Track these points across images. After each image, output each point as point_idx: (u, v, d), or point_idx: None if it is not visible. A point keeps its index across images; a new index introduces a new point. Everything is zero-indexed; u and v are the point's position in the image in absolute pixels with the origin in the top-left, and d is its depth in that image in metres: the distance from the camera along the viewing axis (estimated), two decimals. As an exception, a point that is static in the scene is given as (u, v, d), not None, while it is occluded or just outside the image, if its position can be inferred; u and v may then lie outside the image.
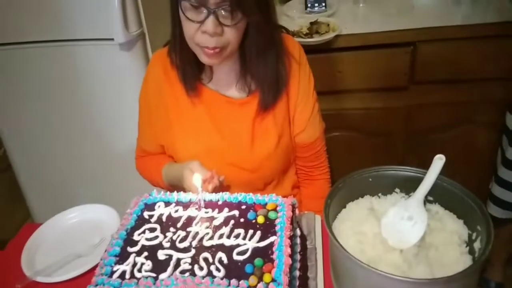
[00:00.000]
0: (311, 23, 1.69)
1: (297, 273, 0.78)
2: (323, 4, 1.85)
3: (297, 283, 0.76)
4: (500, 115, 1.61)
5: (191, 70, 1.04)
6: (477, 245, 0.70)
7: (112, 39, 1.41)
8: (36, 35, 1.49)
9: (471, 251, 0.72)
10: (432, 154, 0.77)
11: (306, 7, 1.87)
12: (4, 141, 1.74)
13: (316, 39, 1.61)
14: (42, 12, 1.44)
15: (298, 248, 0.83)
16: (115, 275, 0.70)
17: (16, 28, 1.48)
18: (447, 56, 1.63)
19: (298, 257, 0.82)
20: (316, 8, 1.86)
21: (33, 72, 1.56)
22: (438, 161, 0.76)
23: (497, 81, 1.66)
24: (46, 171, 1.76)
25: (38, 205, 1.85)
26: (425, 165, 0.79)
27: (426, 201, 0.78)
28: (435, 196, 0.79)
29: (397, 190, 0.83)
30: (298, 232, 0.86)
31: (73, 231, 1.01)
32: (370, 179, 0.83)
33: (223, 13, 0.88)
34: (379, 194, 0.84)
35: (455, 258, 0.70)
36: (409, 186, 0.81)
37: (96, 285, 0.68)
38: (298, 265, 0.80)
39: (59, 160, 1.72)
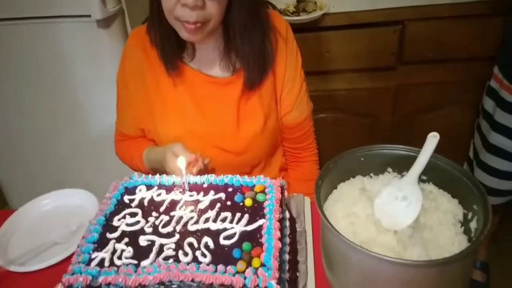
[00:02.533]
0: (298, 1, 1.66)
1: (287, 257, 0.75)
2: (310, -18, 1.80)
3: (287, 267, 0.73)
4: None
5: (171, 48, 0.99)
6: (473, 225, 0.68)
7: (89, 16, 1.35)
8: (10, 12, 1.42)
9: (466, 231, 0.69)
10: (420, 134, 0.75)
11: (293, -16, 1.82)
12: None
13: (303, 17, 1.57)
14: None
15: (288, 231, 0.80)
16: (93, 262, 0.66)
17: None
18: (435, 35, 1.61)
19: (287, 240, 0.79)
20: (303, -14, 1.80)
21: (7, 50, 1.49)
22: (432, 139, 0.73)
23: (484, 61, 1.65)
24: (21, 155, 1.70)
25: (14, 192, 1.80)
26: (414, 144, 0.76)
27: (419, 180, 0.75)
28: (429, 175, 0.76)
29: (389, 169, 0.80)
30: (287, 214, 0.83)
31: (49, 218, 0.96)
32: (362, 159, 0.79)
33: None
34: (371, 174, 0.81)
35: (450, 239, 0.68)
36: (401, 165, 0.78)
37: (73, 274, 0.64)
38: (287, 248, 0.77)
39: (34, 143, 1.66)
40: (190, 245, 0.69)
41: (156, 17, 0.94)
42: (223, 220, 0.73)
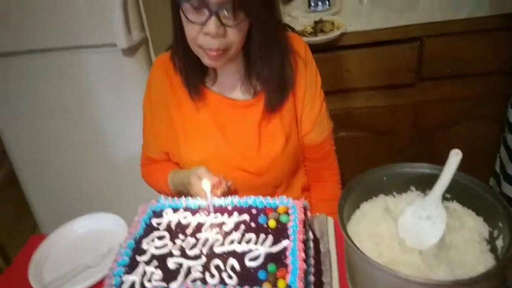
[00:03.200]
0: (315, 22, 1.68)
1: (312, 278, 0.75)
2: (327, 3, 1.84)
3: (312, 288, 0.73)
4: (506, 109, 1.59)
5: (194, 74, 1.02)
6: (499, 243, 0.68)
7: (115, 45, 1.40)
8: (39, 43, 1.48)
9: (493, 250, 0.69)
10: (440, 150, 0.75)
11: (310, 6, 1.86)
12: (9, 152, 1.73)
13: (320, 37, 1.59)
14: (45, 20, 1.43)
15: (312, 252, 0.81)
16: (125, 285, 0.68)
17: (18, 37, 1.47)
18: (453, 50, 1.61)
19: (312, 261, 0.79)
20: (319, 7, 1.85)
21: (37, 80, 1.55)
22: (455, 156, 0.73)
23: (503, 75, 1.64)
24: (51, 181, 1.75)
25: (45, 216, 1.84)
26: (434, 162, 0.77)
27: (443, 198, 0.75)
28: (453, 193, 0.76)
29: (413, 188, 0.81)
30: (311, 235, 0.84)
31: (80, 242, 0.99)
32: (384, 178, 0.80)
33: (225, 13, 0.85)
34: (394, 193, 0.81)
35: (476, 257, 0.68)
36: (424, 184, 0.78)
37: (105, 297, 0.66)
38: (312, 269, 0.77)
39: (64, 169, 1.71)
40: (217, 267, 0.70)
41: (180, 45, 0.97)
42: (248, 241, 0.74)
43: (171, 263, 0.72)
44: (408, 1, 1.80)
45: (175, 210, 0.85)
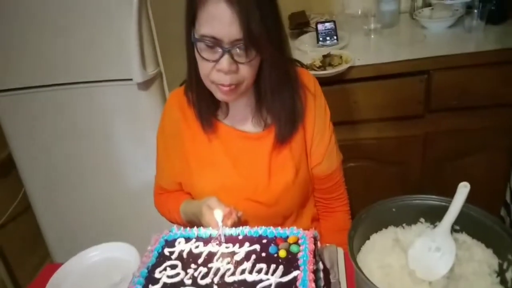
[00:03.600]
0: (324, 56, 1.72)
1: (322, 309, 0.76)
2: (335, 37, 1.89)
3: (323, 320, 0.74)
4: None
5: (207, 108, 1.05)
6: (509, 275, 0.68)
7: (131, 79, 1.45)
8: (54, 78, 1.53)
9: (502, 282, 0.69)
10: (449, 182, 0.76)
11: (318, 40, 1.91)
12: (24, 183, 1.77)
13: (329, 71, 1.62)
14: (62, 55, 1.49)
15: (322, 283, 0.81)
16: (138, 314, 0.69)
17: (35, 72, 1.53)
18: (461, 83, 1.63)
19: (322, 292, 0.79)
20: (328, 41, 1.89)
21: (54, 114, 1.60)
22: (463, 189, 0.74)
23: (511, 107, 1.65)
24: (65, 210, 1.77)
25: (56, 246, 1.86)
26: (443, 193, 0.77)
27: (452, 230, 0.75)
28: (462, 225, 0.77)
29: (422, 220, 0.81)
30: (321, 265, 0.84)
31: (93, 270, 1.01)
32: (394, 209, 0.81)
33: (238, 51, 0.89)
34: (404, 225, 0.82)
35: (486, 289, 0.68)
36: (434, 215, 0.79)
37: (119, 325, 0.67)
38: (322, 300, 0.78)
39: (79, 198, 1.74)
40: (228, 296, 0.71)
41: (194, 80, 1.01)
42: (259, 271, 0.75)
43: (183, 292, 0.73)
44: (415, 36, 1.84)
45: (187, 239, 0.86)
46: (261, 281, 0.73)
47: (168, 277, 0.77)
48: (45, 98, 1.57)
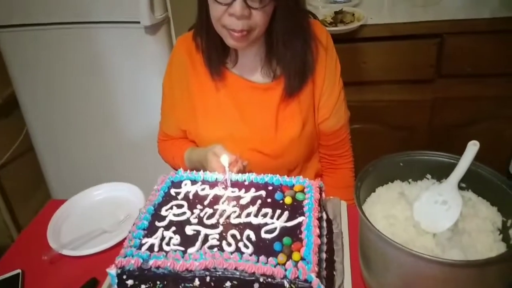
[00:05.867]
0: (336, 13, 1.68)
1: (324, 255, 0.77)
2: (349, -6, 1.83)
3: (324, 265, 0.75)
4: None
5: (216, 54, 1.03)
6: (512, 232, 0.69)
7: (138, 22, 1.42)
8: (61, 16, 1.50)
9: (505, 239, 0.70)
10: (457, 148, 0.76)
11: (331, -4, 1.85)
12: (27, 123, 1.76)
13: (340, 28, 1.59)
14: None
15: (325, 231, 0.82)
16: (144, 247, 0.70)
17: (40, 9, 1.49)
18: (474, 49, 1.60)
19: (324, 240, 0.80)
20: (341, -2, 1.84)
21: (56, 54, 1.57)
22: (472, 147, 0.74)
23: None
24: (69, 154, 1.78)
25: (59, 187, 1.87)
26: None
27: (458, 187, 0.76)
28: (468, 182, 0.77)
29: (428, 176, 0.81)
30: (324, 215, 0.85)
31: (98, 208, 1.02)
32: (401, 164, 0.81)
33: None
34: (410, 180, 0.82)
35: (488, 245, 0.68)
36: (440, 172, 0.79)
37: (125, 257, 0.68)
38: (324, 247, 0.79)
39: (81, 141, 1.74)
40: (233, 236, 0.72)
41: (204, 25, 0.98)
42: (264, 215, 0.76)
43: (189, 230, 0.74)
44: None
45: (194, 182, 0.87)
46: (266, 224, 0.74)
47: (175, 215, 0.77)
48: (50, 36, 1.53)
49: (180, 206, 0.80)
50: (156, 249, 0.70)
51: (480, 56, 1.60)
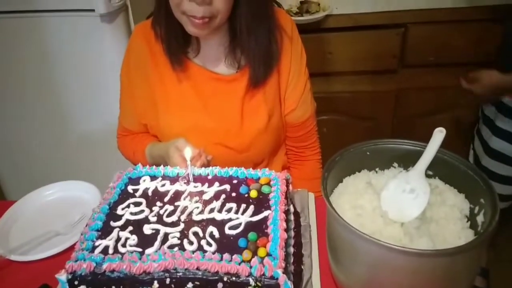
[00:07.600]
0: (301, 2, 1.68)
1: (291, 249, 0.74)
2: (314, -16, 1.81)
3: (292, 260, 0.72)
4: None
5: (176, 43, 0.99)
6: (480, 218, 0.68)
7: (93, 10, 1.35)
8: (11, 5, 1.41)
9: (473, 226, 0.69)
10: (421, 137, 0.75)
11: (296, -14, 1.83)
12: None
13: (306, 17, 1.58)
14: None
15: (292, 225, 0.80)
16: (97, 250, 0.65)
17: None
18: (437, 39, 1.62)
19: (292, 233, 0.78)
20: (306, -13, 1.82)
21: (5, 45, 1.49)
22: (439, 134, 0.73)
23: (485, 66, 1.65)
24: (20, 151, 1.69)
25: (10, 188, 1.78)
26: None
27: (425, 175, 0.75)
28: (435, 170, 0.76)
29: (395, 164, 0.80)
30: (292, 208, 0.83)
31: (50, 209, 0.95)
32: (368, 153, 0.79)
33: None
34: (377, 169, 0.81)
35: (456, 233, 0.68)
36: (407, 160, 0.78)
37: (76, 261, 0.63)
38: (292, 241, 0.76)
39: (35, 139, 1.65)
40: (195, 234, 0.68)
41: (163, 12, 0.94)
42: (228, 210, 0.73)
43: (147, 229, 0.69)
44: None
45: (153, 178, 0.82)
46: (230, 220, 0.71)
47: (132, 214, 0.73)
48: (0, 25, 1.44)
49: (138, 204, 0.75)
50: (110, 251, 0.65)
51: (443, 46, 1.63)
